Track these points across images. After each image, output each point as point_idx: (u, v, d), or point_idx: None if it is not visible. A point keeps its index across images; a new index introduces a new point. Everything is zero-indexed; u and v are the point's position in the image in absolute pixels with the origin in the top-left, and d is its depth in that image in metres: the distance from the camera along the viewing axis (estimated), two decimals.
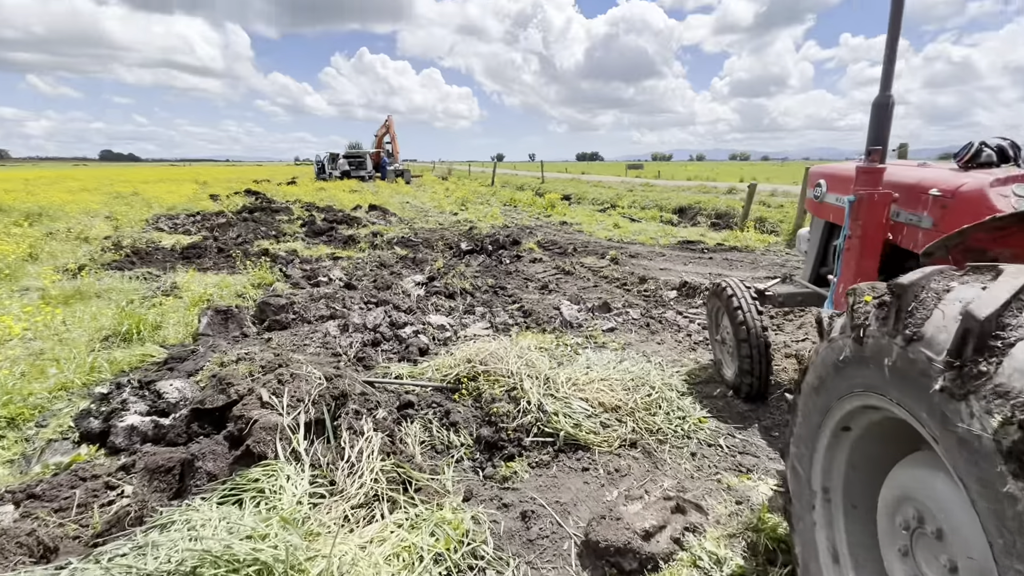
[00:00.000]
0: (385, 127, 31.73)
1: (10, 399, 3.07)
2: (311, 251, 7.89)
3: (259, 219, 10.80)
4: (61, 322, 4.02)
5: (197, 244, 7.78)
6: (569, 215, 13.25)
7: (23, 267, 6.15)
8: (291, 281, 6.02)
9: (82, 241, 8.17)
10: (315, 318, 4.72)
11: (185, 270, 6.35)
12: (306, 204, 13.99)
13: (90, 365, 3.51)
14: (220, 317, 4.32)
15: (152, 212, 12.19)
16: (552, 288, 6.06)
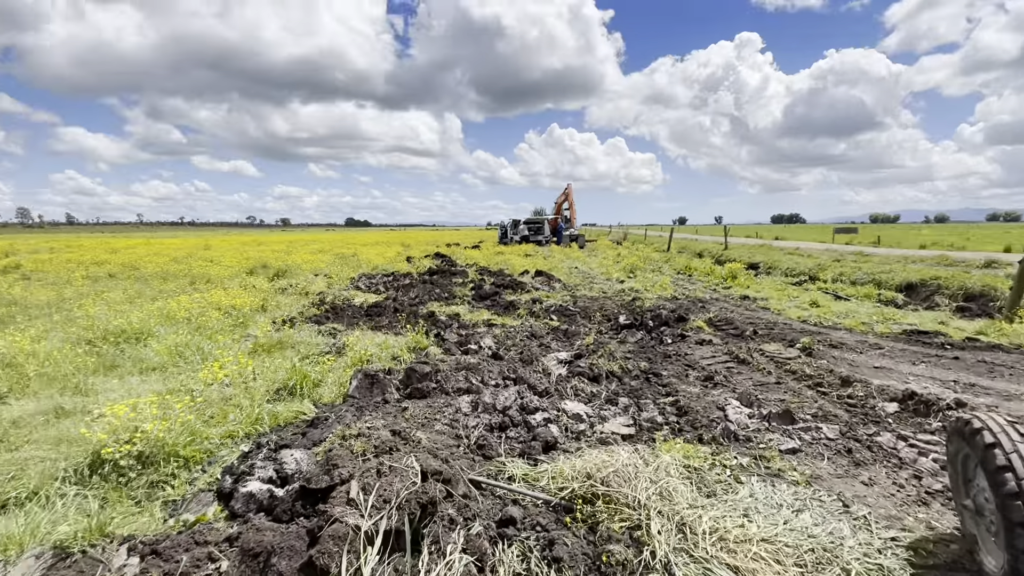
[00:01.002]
0: (564, 194, 33.33)
1: (192, 440, 3.55)
2: (472, 315, 8.20)
3: (437, 281, 11.86)
4: (251, 372, 4.67)
5: (379, 304, 8.75)
6: (753, 288, 11.61)
7: (254, 317, 7.60)
8: (444, 346, 6.22)
9: (302, 296, 9.90)
10: (453, 390, 4.68)
11: (364, 328, 7.09)
12: (481, 268, 15.02)
13: (256, 416, 3.93)
14: (368, 381, 4.56)
15: (359, 272, 14.41)
16: (719, 381, 5.08)
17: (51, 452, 3.36)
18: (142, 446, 3.24)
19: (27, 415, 3.93)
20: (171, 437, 3.38)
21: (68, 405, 4.14)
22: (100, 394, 4.46)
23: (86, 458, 3.19)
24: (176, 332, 6.36)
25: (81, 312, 6.90)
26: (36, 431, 3.69)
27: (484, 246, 27.30)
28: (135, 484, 3.14)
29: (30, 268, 14.09)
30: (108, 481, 3.11)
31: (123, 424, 3.28)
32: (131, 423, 3.31)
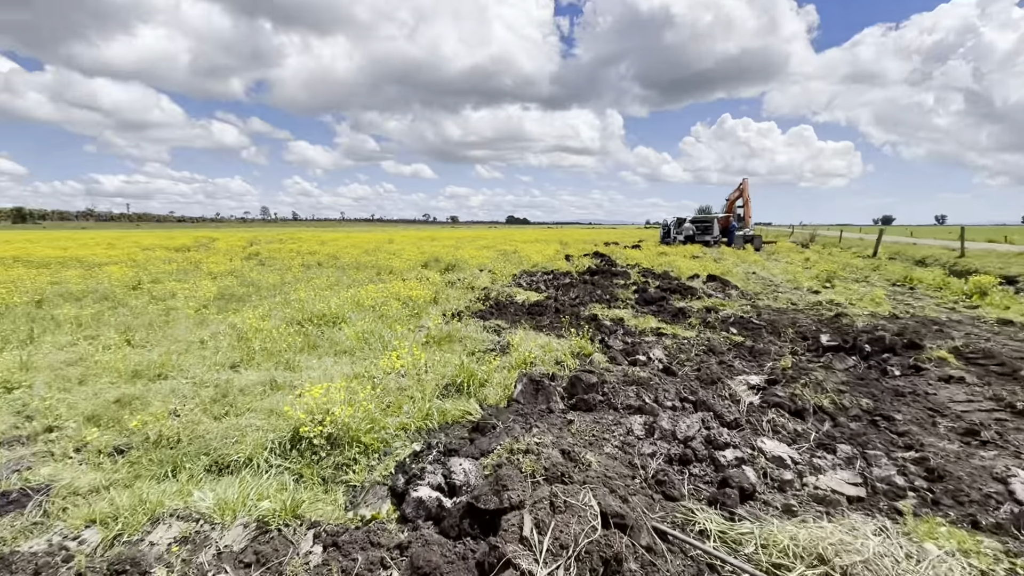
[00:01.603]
0: (739, 190, 30.05)
1: (372, 428, 3.72)
2: (637, 321, 7.60)
3: (597, 282, 11.43)
4: (423, 365, 4.83)
5: (541, 303, 8.65)
6: (1016, 309, 8.81)
7: (427, 308, 8.09)
8: (609, 354, 5.78)
9: (469, 290, 10.34)
10: (622, 406, 4.23)
11: (526, 326, 7.02)
12: (644, 269, 14.16)
13: (427, 411, 3.98)
14: (532, 386, 4.36)
15: (520, 268, 14.69)
16: (989, 438, 3.75)
17: (264, 422, 3.79)
18: (332, 428, 3.46)
19: (250, 384, 4.57)
20: (355, 423, 3.56)
21: (280, 379, 4.73)
22: (304, 371, 5.04)
23: (288, 432, 3.51)
24: (363, 318, 7.03)
25: (295, 296, 8.06)
26: (255, 400, 4.25)
27: (645, 246, 26.00)
28: (324, 463, 3.35)
29: (265, 255, 17.37)
30: (304, 457, 3.38)
31: (317, 405, 3.55)
32: (323, 405, 3.57)
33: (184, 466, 3.22)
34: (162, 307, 7.88)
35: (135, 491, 2.84)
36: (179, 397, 4.31)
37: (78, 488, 2.94)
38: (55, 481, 2.99)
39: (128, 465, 3.25)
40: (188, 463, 3.25)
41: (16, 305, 7.80)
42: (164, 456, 3.30)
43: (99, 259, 14.73)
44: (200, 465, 3.26)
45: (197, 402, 4.20)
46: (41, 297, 8.47)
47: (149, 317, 7.21)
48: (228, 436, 3.58)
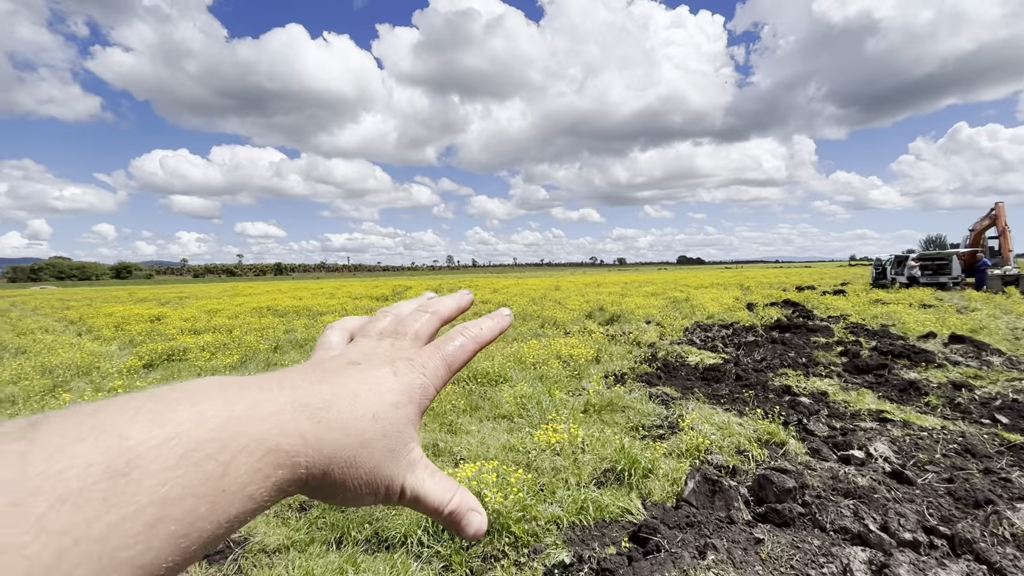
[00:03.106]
0: (990, 217, 23.53)
1: (523, 516, 3.49)
2: (847, 396, 6.13)
3: (789, 340, 9.74)
4: (581, 442, 4.47)
5: (717, 366, 7.62)
6: None
7: (588, 368, 7.75)
8: (810, 444, 4.67)
9: (634, 346, 9.72)
10: (832, 527, 3.27)
11: (700, 396, 6.19)
12: (852, 324, 11.70)
13: (581, 503, 3.60)
14: (707, 486, 3.66)
15: (693, 320, 13.43)
16: None
17: None
18: None
19: None
20: (505, 509, 3.37)
21: (441, 443, 4.84)
22: (463, 435, 5.10)
23: None
24: (524, 377, 7.00)
25: None
26: None
27: (851, 290, 21.81)
28: (473, 551, 3.21)
29: None
30: (454, 541, 3.28)
31: (468, 487, 3.46)
32: (475, 488, 3.46)
33: (350, 534, 3.38)
34: None
35: (307, 559, 3.03)
36: None
37: (267, 545, 3.27)
38: (252, 534, 3.38)
39: (308, 525, 3.53)
40: (354, 530, 3.41)
41: (260, 351, 9.74)
42: (336, 520, 3.52)
43: (321, 308, 17.89)
44: (363, 535, 3.39)
45: None
46: (277, 344, 10.46)
47: None
48: (390, 507, 3.69)
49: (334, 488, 0.29)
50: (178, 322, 14.57)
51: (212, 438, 0.22)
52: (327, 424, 0.28)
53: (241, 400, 0.25)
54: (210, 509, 0.21)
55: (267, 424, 0.25)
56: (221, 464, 0.22)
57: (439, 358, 0.36)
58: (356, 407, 0.30)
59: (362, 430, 0.29)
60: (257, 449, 0.24)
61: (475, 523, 0.35)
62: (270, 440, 0.24)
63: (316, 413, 0.27)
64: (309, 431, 0.26)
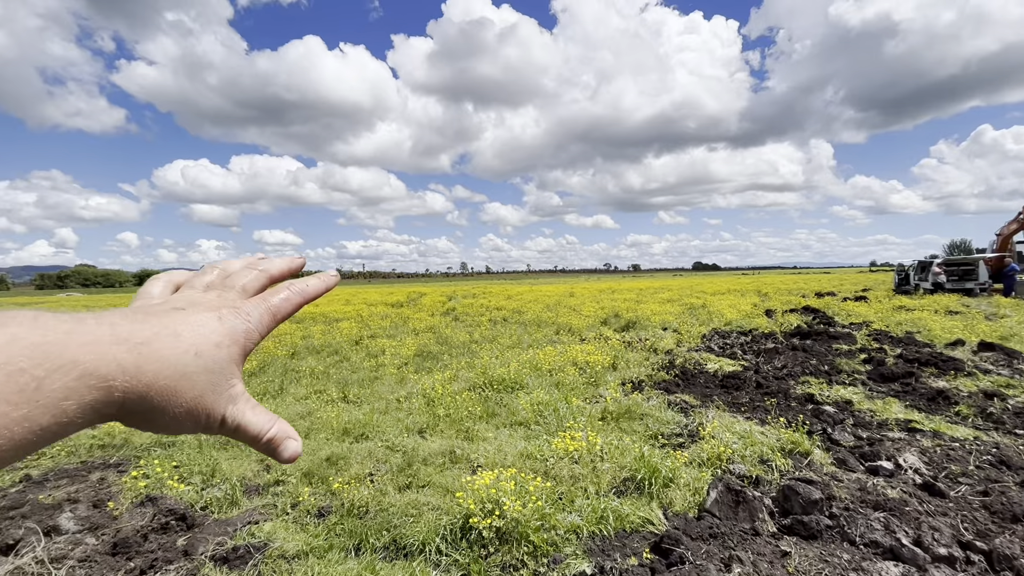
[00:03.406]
0: (1018, 222, 22.91)
1: (541, 525, 3.44)
2: (873, 405, 5.97)
3: (811, 347, 9.54)
4: (599, 450, 4.41)
5: (737, 374, 7.49)
6: None
7: (605, 375, 7.68)
8: (836, 454, 4.55)
9: (650, 353, 9.61)
10: (862, 540, 3.17)
11: (719, 404, 6.09)
12: (875, 331, 11.43)
13: (601, 512, 3.54)
14: (731, 496, 3.57)
15: (711, 326, 13.25)
16: None
17: (440, 501, 3.82)
18: (501, 522, 3.28)
19: (433, 454, 4.75)
20: (524, 518, 3.33)
21: (458, 450, 4.82)
22: (480, 442, 5.07)
23: (459, 519, 3.44)
24: (540, 384, 6.95)
25: (479, 361, 8.46)
26: (435, 473, 4.36)
27: (873, 296, 21.35)
28: (492, 560, 3.17)
29: (460, 311, 19.14)
30: (473, 550, 3.25)
31: (487, 495, 3.43)
32: (494, 496, 3.43)
33: (368, 541, 3.37)
34: (373, 363, 9.05)
35: (325, 566, 3.03)
36: (374, 461, 4.68)
37: (286, 551, 3.27)
38: (272, 540, 3.39)
39: (326, 531, 3.53)
40: (372, 537, 3.40)
41: (278, 357, 9.84)
42: (354, 527, 3.52)
43: (337, 315, 18.05)
44: (382, 542, 3.37)
45: (387, 468, 4.49)
46: (294, 350, 10.56)
47: (363, 373, 8.32)
48: (407, 513, 3.67)
49: (153, 414, 0.30)
50: None
51: (26, 355, 0.25)
52: (146, 356, 0.30)
53: (57, 328, 0.27)
54: (24, 416, 0.24)
55: (83, 350, 0.27)
56: (35, 378, 0.24)
57: (264, 308, 0.38)
58: (178, 344, 0.32)
59: (184, 364, 0.31)
60: (73, 370, 0.26)
61: (291, 448, 0.38)
62: (85, 363, 0.26)
63: (135, 347, 0.29)
64: (127, 360, 0.28)
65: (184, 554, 3.20)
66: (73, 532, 3.42)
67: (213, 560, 3.14)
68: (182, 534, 3.48)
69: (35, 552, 3.01)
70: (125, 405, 0.29)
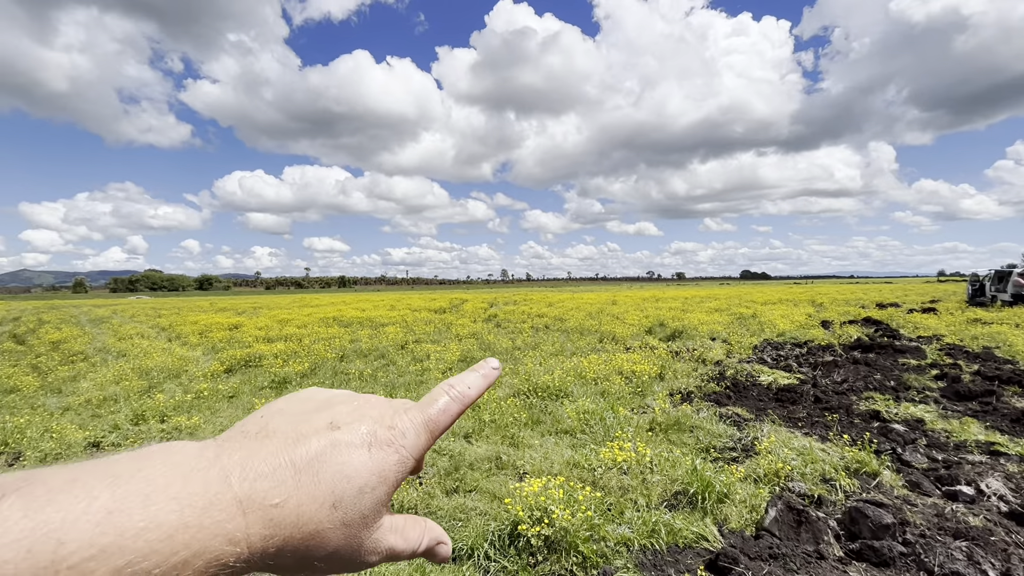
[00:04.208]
0: None
1: (590, 536, 3.38)
2: (948, 426, 5.54)
3: (874, 361, 8.97)
4: (649, 462, 4.30)
5: (793, 387, 7.13)
6: None
7: (652, 385, 7.49)
8: (907, 476, 4.24)
9: (699, 363, 9.31)
10: (941, 571, 2.94)
11: (775, 419, 5.81)
12: (948, 345, 10.64)
13: (652, 525, 3.45)
14: (791, 516, 3.39)
15: (762, 337, 12.72)
16: None
17: (487, 507, 3.82)
18: (549, 531, 3.24)
19: (479, 459, 4.76)
20: (573, 527, 3.28)
21: (504, 456, 4.81)
22: (526, 449, 5.05)
23: (507, 526, 3.43)
24: (585, 393, 6.86)
25: (522, 367, 8.45)
26: (482, 478, 4.37)
27: (943, 308, 19.91)
28: (540, 569, 3.14)
29: (501, 318, 19.22)
30: (521, 557, 3.23)
31: (535, 503, 3.41)
32: (542, 503, 3.40)
33: None
34: (419, 367, 9.21)
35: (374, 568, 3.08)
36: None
37: None
38: None
39: None
40: None
41: (328, 359, 10.18)
42: None
43: (383, 320, 18.51)
44: None
45: (434, 471, 4.54)
46: (343, 353, 10.89)
47: (409, 377, 8.47)
48: (456, 517, 3.70)
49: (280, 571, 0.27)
50: (253, 331, 15.55)
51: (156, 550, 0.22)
52: (278, 523, 0.26)
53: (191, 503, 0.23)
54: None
55: (215, 538, 0.23)
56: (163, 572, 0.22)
57: (420, 423, 0.33)
58: (316, 492, 0.27)
59: (317, 522, 0.27)
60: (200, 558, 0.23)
61: (442, 553, 0.36)
62: (215, 550, 0.23)
63: (269, 511, 0.25)
64: (256, 534, 0.25)
65: None
66: None
67: None
68: None
69: None
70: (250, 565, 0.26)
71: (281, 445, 0.29)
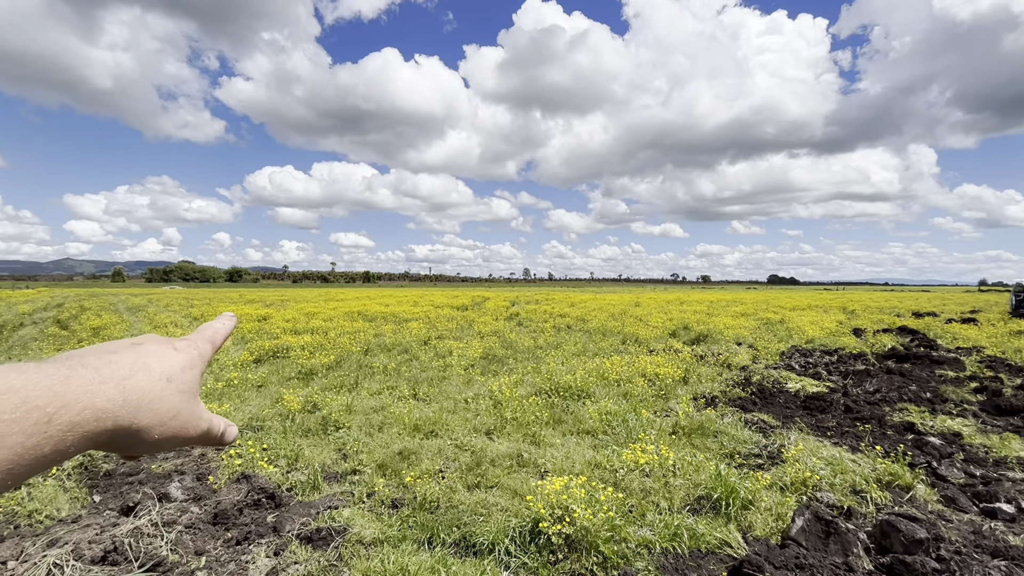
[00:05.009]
0: None
1: (611, 537, 3.37)
2: (987, 441, 5.33)
3: (909, 372, 8.68)
4: (672, 465, 4.26)
5: (822, 395, 6.96)
6: None
7: (675, 389, 7.41)
8: (942, 491, 4.10)
9: (723, 368, 9.16)
10: None
11: (803, 427, 5.68)
12: (988, 357, 10.21)
13: (675, 529, 3.42)
14: (820, 526, 3.32)
15: (790, 344, 12.42)
16: None
17: (509, 503, 3.84)
18: (570, 530, 3.25)
19: (500, 456, 4.79)
20: (594, 527, 3.28)
21: (526, 454, 4.83)
22: (547, 448, 5.05)
23: (529, 523, 3.45)
24: (607, 394, 6.83)
25: (544, 367, 8.45)
26: (503, 475, 4.39)
27: (984, 319, 19.10)
28: (561, 567, 3.14)
29: (523, 316, 19.24)
30: (541, 555, 3.24)
31: (557, 501, 3.41)
32: (564, 502, 3.40)
33: (439, 535, 3.45)
34: (441, 363, 9.29)
35: (400, 555, 3.14)
36: (443, 458, 4.79)
37: (363, 537, 3.42)
38: (350, 525, 3.56)
39: (399, 522, 3.66)
40: (443, 532, 3.48)
41: (353, 353, 10.36)
42: (425, 520, 3.62)
43: (406, 315, 18.74)
44: (452, 538, 3.44)
45: (456, 466, 4.59)
46: (367, 347, 11.07)
47: (432, 372, 8.57)
48: (477, 512, 3.73)
49: (139, 436, 0.36)
50: (281, 323, 15.93)
51: (40, 395, 0.30)
52: (129, 389, 0.36)
53: (57, 373, 0.33)
54: (33, 444, 0.29)
55: (81, 389, 0.33)
56: (47, 414, 0.30)
57: (204, 337, 0.48)
58: (151, 374, 0.38)
59: (160, 390, 0.38)
60: (75, 405, 0.32)
61: (232, 433, 0.47)
62: (84, 400, 0.32)
63: (119, 383, 0.36)
64: (115, 395, 0.35)
65: (273, 530, 3.44)
66: (181, 500, 3.78)
67: (299, 538, 3.35)
68: (271, 511, 3.75)
69: (151, 515, 3.36)
70: (116, 433, 0.35)
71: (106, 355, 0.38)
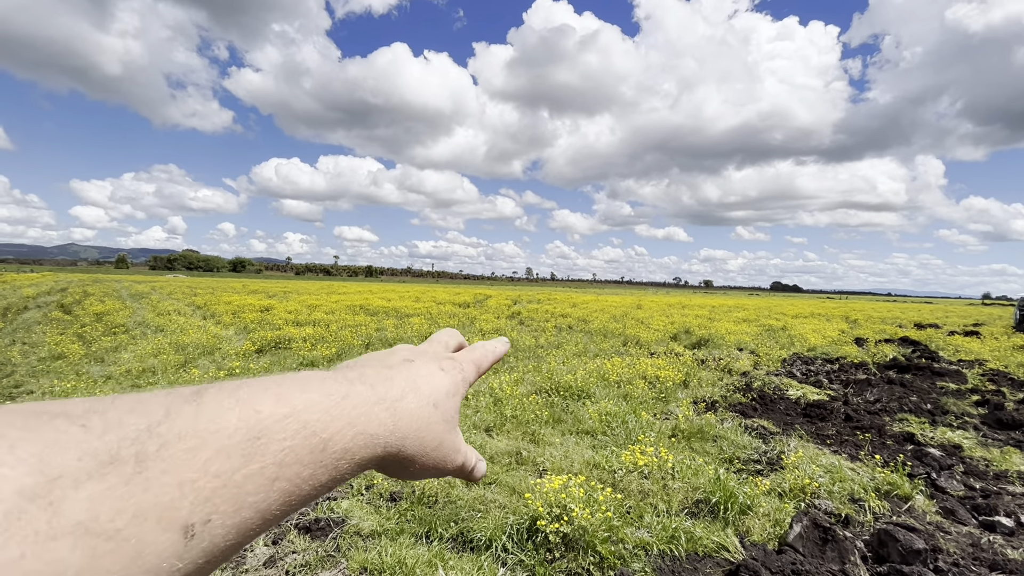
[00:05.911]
0: None
1: (609, 537, 3.38)
2: (988, 454, 5.32)
3: (910, 383, 8.65)
4: (671, 468, 4.26)
5: (823, 403, 6.95)
6: None
7: (676, 392, 7.40)
8: (941, 503, 4.09)
9: (724, 373, 9.15)
10: None
11: (802, 434, 5.68)
12: (991, 371, 10.18)
13: (672, 531, 3.42)
14: (817, 533, 3.32)
15: (792, 351, 12.40)
16: None
17: (507, 500, 3.86)
18: (568, 529, 3.26)
19: (499, 453, 4.80)
20: (591, 527, 3.28)
21: (524, 452, 4.84)
22: (546, 447, 5.06)
23: (526, 520, 3.46)
24: (608, 395, 6.83)
25: (544, 365, 8.46)
26: (502, 472, 4.41)
27: (987, 332, 19.03)
28: (558, 566, 3.15)
29: (525, 316, 19.25)
30: (538, 552, 3.25)
31: (555, 500, 3.42)
32: (562, 500, 3.41)
33: (437, 530, 3.46)
34: None
35: (398, 548, 3.15)
36: None
37: (362, 529, 3.44)
38: (349, 517, 3.57)
39: (398, 515, 3.67)
40: (440, 527, 3.49)
41: (354, 346, 10.38)
42: (423, 514, 3.63)
43: (408, 311, 18.76)
44: (450, 533, 3.46)
45: None
46: (369, 341, 11.09)
47: None
48: (475, 508, 3.74)
49: (407, 463, 0.34)
50: (283, 314, 15.97)
51: (318, 419, 0.28)
52: (400, 413, 0.33)
53: (337, 392, 0.30)
54: (311, 474, 0.27)
55: (356, 411, 0.30)
56: (322, 440, 0.28)
57: (470, 359, 0.45)
58: (420, 397, 0.36)
59: (427, 416, 0.36)
60: (350, 431, 0.29)
61: (481, 469, 0.43)
62: (359, 425, 0.30)
63: (391, 405, 0.33)
64: (387, 418, 0.32)
65: None
66: None
67: (297, 528, 3.37)
68: None
69: None
70: (385, 458, 0.32)
71: (383, 370, 0.37)
